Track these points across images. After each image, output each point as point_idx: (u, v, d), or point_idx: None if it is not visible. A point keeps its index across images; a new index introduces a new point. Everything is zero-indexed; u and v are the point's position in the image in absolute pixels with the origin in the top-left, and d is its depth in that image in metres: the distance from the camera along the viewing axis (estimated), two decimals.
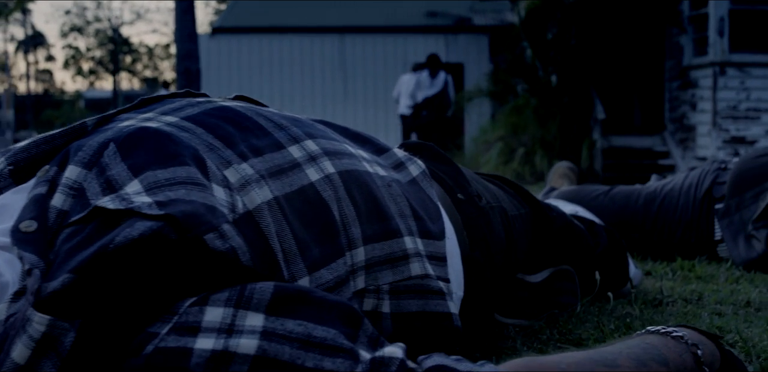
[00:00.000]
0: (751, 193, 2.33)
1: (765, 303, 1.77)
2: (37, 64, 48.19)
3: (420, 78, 13.24)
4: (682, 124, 11.15)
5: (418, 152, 1.31)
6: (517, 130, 11.08)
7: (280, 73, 16.00)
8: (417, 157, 1.29)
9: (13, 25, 48.25)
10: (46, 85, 51.19)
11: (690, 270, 2.23)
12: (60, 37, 39.23)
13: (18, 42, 42.85)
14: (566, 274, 1.67)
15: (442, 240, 1.13)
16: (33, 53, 47.51)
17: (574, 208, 2.09)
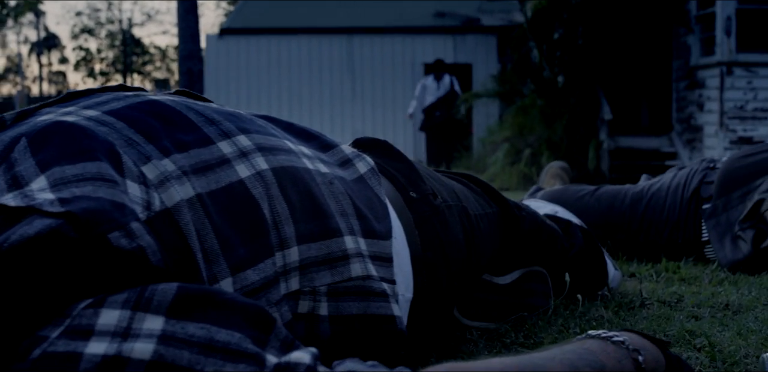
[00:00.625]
0: (739, 193, 2.27)
1: (744, 306, 1.72)
2: (50, 66, 48.43)
3: (426, 83, 13.98)
4: (689, 125, 11.06)
5: (371, 149, 1.27)
6: (523, 130, 11.02)
7: (288, 74, 15.98)
8: (369, 154, 1.25)
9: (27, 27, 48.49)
10: (59, 87, 51.41)
11: (675, 272, 2.18)
12: (71, 38, 39.36)
13: (31, 44, 43.06)
14: (537, 275, 1.62)
15: (388, 240, 1.09)
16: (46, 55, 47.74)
17: (553, 208, 2.05)
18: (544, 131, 10.79)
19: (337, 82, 15.98)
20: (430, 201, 1.23)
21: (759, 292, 1.85)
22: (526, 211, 1.57)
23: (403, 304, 1.11)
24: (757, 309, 1.70)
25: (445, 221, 1.25)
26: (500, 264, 1.54)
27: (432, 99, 14.06)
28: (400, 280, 1.11)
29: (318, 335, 0.98)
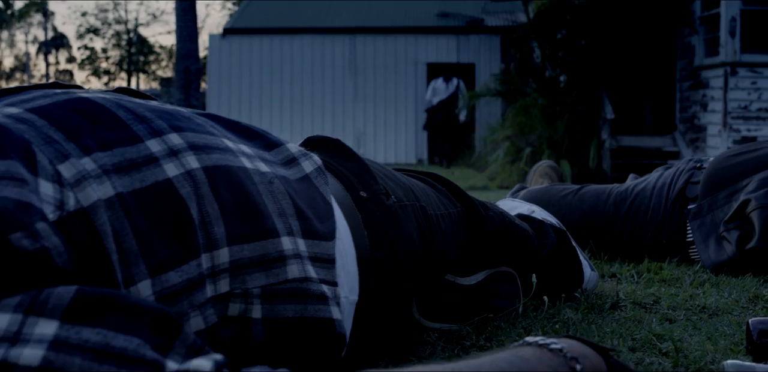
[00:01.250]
0: (725, 193, 2.22)
1: (721, 308, 1.67)
2: (57, 65, 48.54)
3: (435, 85, 14.49)
4: (692, 125, 11.00)
5: (322, 148, 1.23)
6: (524, 129, 10.97)
7: (291, 74, 15.96)
8: (319, 153, 1.21)
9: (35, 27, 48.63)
10: None
11: (656, 273, 2.13)
12: (76, 38, 39.47)
13: (39, 43, 43.15)
14: (505, 276, 1.58)
15: (331, 241, 1.05)
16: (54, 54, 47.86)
17: (530, 207, 2.00)
18: (545, 130, 10.74)
19: (339, 81, 15.96)
20: (381, 201, 1.19)
21: (739, 295, 1.80)
22: (492, 211, 1.53)
23: (347, 306, 1.07)
24: (734, 312, 1.65)
25: (397, 221, 1.21)
26: (465, 265, 1.50)
27: (437, 100, 14.45)
28: (343, 282, 1.06)
29: (251, 338, 0.94)
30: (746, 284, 1.94)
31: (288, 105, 15.93)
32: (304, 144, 1.26)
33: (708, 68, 10.44)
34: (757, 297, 1.78)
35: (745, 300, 1.76)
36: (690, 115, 11.11)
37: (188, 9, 7.10)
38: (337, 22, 16.21)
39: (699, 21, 10.63)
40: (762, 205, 2.08)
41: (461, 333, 1.42)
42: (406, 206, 1.25)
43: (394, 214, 1.20)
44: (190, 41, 7.13)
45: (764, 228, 2.05)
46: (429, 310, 1.44)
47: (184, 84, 7.07)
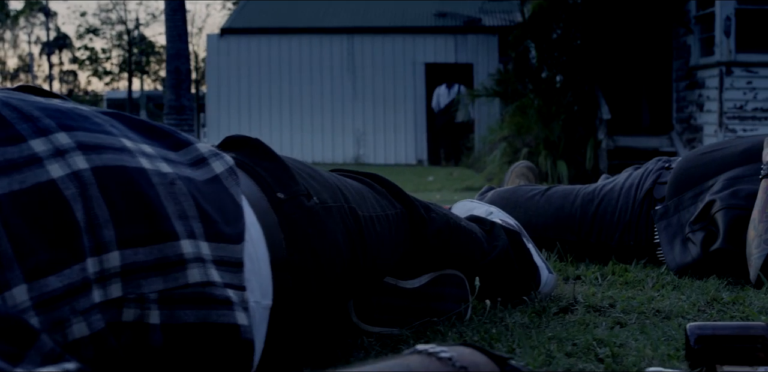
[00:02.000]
0: (691, 193, 2.18)
1: (677, 312, 1.63)
2: (61, 65, 48.55)
3: (439, 92, 15.04)
4: (689, 125, 10.96)
5: (240, 148, 1.20)
6: (521, 130, 10.93)
7: (289, 74, 15.94)
8: (237, 153, 1.17)
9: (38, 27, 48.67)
10: (70, 86, 51.55)
11: (621, 275, 2.09)
12: (76, 38, 39.47)
13: (42, 44, 43.15)
14: (452, 279, 1.55)
15: (239, 243, 1.01)
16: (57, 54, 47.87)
17: (488, 209, 1.96)
18: (541, 131, 10.70)
19: (338, 81, 15.93)
20: (300, 202, 1.16)
21: (698, 298, 1.77)
22: (435, 213, 1.50)
23: (258, 311, 1.04)
24: (689, 315, 1.62)
25: (319, 222, 1.17)
26: (408, 267, 1.46)
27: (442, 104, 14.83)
28: (254, 286, 1.03)
29: (149, 345, 0.91)
30: (708, 287, 1.90)
31: (287, 105, 15.91)
32: (222, 144, 1.23)
33: (703, 68, 10.39)
34: (716, 300, 1.74)
35: (703, 303, 1.73)
36: (686, 115, 11.07)
37: (177, 8, 7.07)
38: (335, 22, 16.18)
39: (694, 20, 10.59)
40: (727, 205, 2.04)
41: (401, 337, 1.39)
42: (331, 207, 1.21)
43: (315, 216, 1.17)
44: (180, 41, 7.09)
45: (729, 229, 2.01)
46: (368, 313, 1.40)
47: (175, 84, 7.04)
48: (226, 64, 15.95)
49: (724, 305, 1.71)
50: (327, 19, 16.37)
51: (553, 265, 2.22)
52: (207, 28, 42.21)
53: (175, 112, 7.06)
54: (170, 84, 7.11)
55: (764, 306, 1.68)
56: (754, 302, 1.71)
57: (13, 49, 60.17)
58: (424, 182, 11.76)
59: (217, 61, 15.96)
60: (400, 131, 15.87)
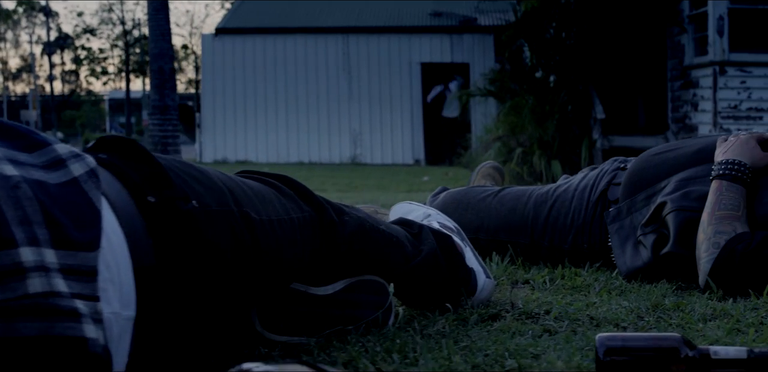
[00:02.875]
0: (643, 195, 2.11)
1: (612, 319, 1.56)
2: (63, 65, 48.56)
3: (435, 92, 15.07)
4: (684, 124, 10.87)
5: (113, 149, 1.13)
6: (515, 129, 10.84)
7: (284, 74, 15.88)
8: (109, 154, 1.10)
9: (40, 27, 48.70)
10: (71, 86, 51.58)
11: (571, 279, 2.02)
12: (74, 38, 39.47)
13: (43, 44, 43.13)
14: (370, 285, 1.47)
15: (94, 251, 0.94)
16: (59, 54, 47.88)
17: (426, 211, 1.89)
18: (535, 130, 10.61)
19: (333, 81, 15.87)
20: (176, 206, 1.08)
21: (641, 304, 1.69)
22: (349, 216, 1.42)
23: (117, 323, 0.96)
24: (624, 323, 1.54)
25: (196, 228, 1.10)
26: (319, 273, 1.39)
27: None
28: (111, 296, 0.96)
29: None
30: (655, 292, 1.83)
31: (282, 105, 15.85)
32: (95, 145, 1.16)
33: (697, 67, 10.31)
34: (657, 306, 1.67)
35: (644, 309, 1.65)
36: (681, 114, 10.99)
37: (160, 8, 7.01)
38: (330, 22, 16.12)
39: (688, 20, 10.51)
40: (677, 207, 1.97)
41: (307, 347, 1.32)
42: (214, 212, 1.14)
43: (192, 220, 1.09)
44: (163, 40, 7.03)
45: (679, 231, 1.94)
46: (274, 322, 1.33)
47: (159, 84, 6.98)
48: (221, 63, 15.89)
49: (665, 312, 1.64)
50: (322, 18, 16.30)
51: (503, 268, 2.15)
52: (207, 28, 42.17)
53: (159, 111, 7.00)
54: (154, 84, 7.05)
55: (706, 312, 1.61)
56: (697, 309, 1.64)
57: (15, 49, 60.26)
58: (419, 182, 11.68)
59: (212, 61, 15.91)
60: (396, 131, 15.80)
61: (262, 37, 15.96)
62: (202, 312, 1.12)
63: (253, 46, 15.95)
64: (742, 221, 1.85)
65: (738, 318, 1.57)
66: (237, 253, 1.16)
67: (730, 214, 1.86)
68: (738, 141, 2.01)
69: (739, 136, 2.03)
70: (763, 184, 1.93)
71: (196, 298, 1.10)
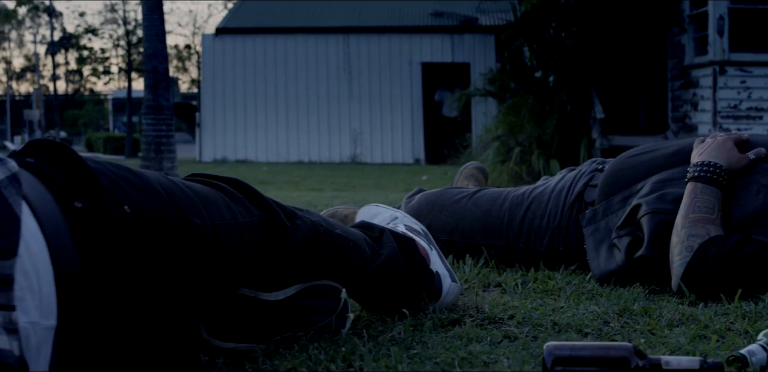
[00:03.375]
0: (620, 196, 2.07)
1: (576, 325, 1.52)
2: (67, 65, 48.58)
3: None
4: (684, 124, 10.81)
5: (42, 153, 1.09)
6: (514, 129, 10.80)
7: (285, 74, 15.85)
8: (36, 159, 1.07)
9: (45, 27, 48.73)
10: (75, 86, 51.61)
11: (544, 282, 1.97)
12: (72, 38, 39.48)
13: (48, 43, 43.15)
14: (325, 290, 1.43)
15: (10, 258, 0.90)
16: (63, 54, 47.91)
17: (393, 214, 1.85)
18: (534, 130, 10.56)
19: (334, 81, 15.83)
20: (105, 211, 1.05)
21: (609, 309, 1.65)
22: (302, 220, 1.38)
23: (37, 332, 0.93)
24: (587, 328, 1.50)
25: (127, 233, 1.06)
26: (271, 278, 1.35)
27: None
28: (29, 306, 0.92)
29: None
30: (626, 296, 1.79)
31: (283, 105, 15.82)
32: (23, 149, 1.12)
33: (697, 67, 10.25)
34: (625, 311, 1.63)
35: (612, 314, 1.61)
36: (681, 114, 10.93)
37: (154, 8, 6.97)
38: (330, 22, 16.08)
39: (688, 20, 10.45)
40: (652, 209, 1.92)
41: (254, 354, 1.28)
42: (148, 217, 1.10)
43: (122, 226, 1.06)
44: (158, 40, 6.99)
45: (654, 234, 1.90)
46: (221, 328, 1.30)
47: (153, 83, 6.94)
48: (221, 63, 15.87)
49: (633, 317, 1.60)
50: (323, 18, 16.27)
51: (476, 271, 2.11)
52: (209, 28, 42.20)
53: (153, 112, 6.97)
54: (148, 84, 7.01)
55: (674, 318, 1.57)
56: (665, 314, 1.60)
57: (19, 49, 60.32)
58: (418, 181, 11.63)
59: (213, 61, 15.89)
60: (396, 131, 15.76)
61: (263, 37, 15.93)
62: (134, 320, 1.09)
63: (253, 45, 15.92)
64: (716, 224, 1.81)
65: (706, 324, 1.53)
66: (172, 259, 1.12)
67: (704, 216, 1.82)
68: (715, 142, 1.97)
69: (716, 138, 1.99)
70: (739, 186, 1.89)
71: (126, 306, 1.06)
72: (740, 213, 1.83)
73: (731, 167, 1.91)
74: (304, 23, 16.03)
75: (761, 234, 1.78)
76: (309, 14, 16.43)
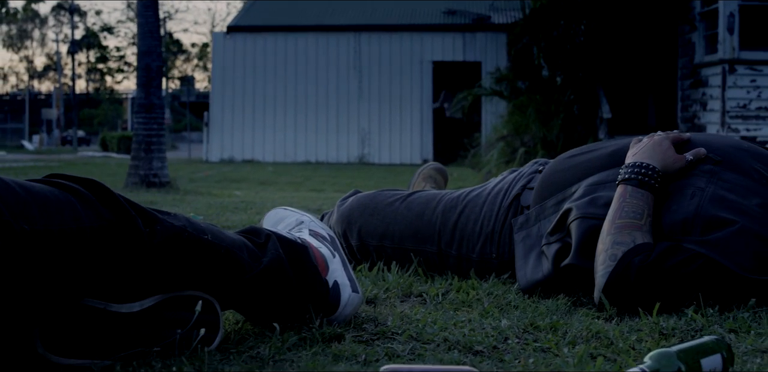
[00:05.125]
0: (554, 200, 1.94)
1: (467, 341, 1.39)
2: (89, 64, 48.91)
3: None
4: (693, 124, 10.61)
5: None
6: (519, 129, 10.65)
7: (295, 73, 15.77)
8: None
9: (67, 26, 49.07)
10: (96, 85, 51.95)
11: (465, 293, 1.85)
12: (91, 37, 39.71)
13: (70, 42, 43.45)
14: (188, 301, 1.32)
15: None
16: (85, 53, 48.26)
17: (299, 218, 1.74)
18: (539, 130, 10.42)
19: (344, 80, 15.74)
20: None
21: (517, 323, 1.53)
22: (162, 225, 1.27)
23: None
24: (479, 346, 1.37)
25: None
26: (125, 288, 1.24)
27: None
28: None
29: None
30: (543, 309, 1.66)
31: (292, 103, 15.74)
32: None
33: (707, 66, 10.05)
34: (532, 326, 1.50)
35: (517, 329, 1.49)
36: (691, 114, 10.73)
37: (149, 5, 6.89)
38: (342, 20, 15.99)
39: (699, 17, 10.25)
40: (582, 214, 1.79)
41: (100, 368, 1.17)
42: None
43: None
44: (152, 38, 6.91)
45: (582, 241, 1.76)
46: (61, 343, 1.19)
47: (145, 82, 6.86)
48: (231, 62, 15.82)
49: (537, 333, 1.47)
50: (335, 16, 16.18)
51: (401, 279, 1.98)
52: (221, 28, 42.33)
53: (144, 110, 6.89)
54: (140, 82, 6.93)
55: (580, 335, 1.44)
56: (572, 330, 1.47)
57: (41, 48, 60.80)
58: None
59: (223, 59, 15.84)
60: (405, 131, 15.64)
61: (274, 36, 15.86)
62: None
63: (264, 44, 15.86)
64: (644, 231, 1.67)
65: (612, 341, 1.40)
66: None
67: (631, 222, 1.68)
68: (651, 142, 1.83)
69: (653, 137, 1.86)
70: (673, 190, 1.75)
71: None
72: (672, 218, 1.70)
73: (666, 169, 1.77)
74: (315, 21, 15.95)
75: (693, 242, 1.65)
76: (321, 12, 16.35)
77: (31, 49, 60.51)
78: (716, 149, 1.82)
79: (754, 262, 1.62)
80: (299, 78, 15.75)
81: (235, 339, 1.39)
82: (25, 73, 56.44)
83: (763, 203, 1.71)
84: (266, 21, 16.11)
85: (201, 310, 1.33)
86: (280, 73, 15.79)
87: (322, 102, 15.67)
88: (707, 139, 1.88)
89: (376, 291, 1.87)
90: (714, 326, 1.48)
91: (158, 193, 6.29)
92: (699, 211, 1.68)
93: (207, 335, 1.34)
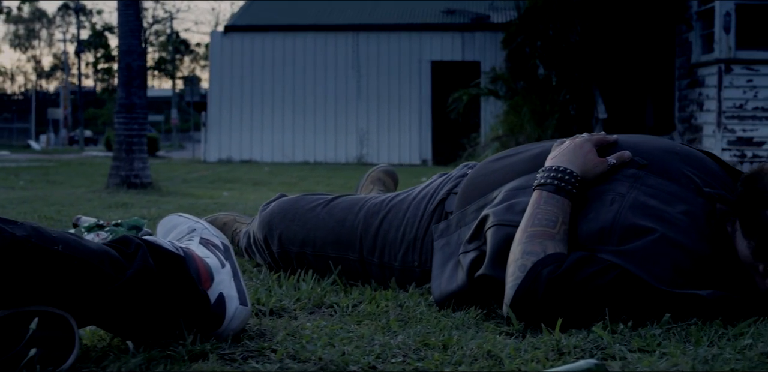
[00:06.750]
0: (475, 206, 1.83)
1: (342, 361, 1.28)
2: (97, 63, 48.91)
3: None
4: (690, 124, 10.48)
5: None
6: (514, 129, 10.54)
7: (293, 72, 15.68)
8: None
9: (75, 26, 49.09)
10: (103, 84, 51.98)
11: (378, 304, 1.74)
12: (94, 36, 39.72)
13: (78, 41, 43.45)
14: (35, 317, 1.22)
15: None
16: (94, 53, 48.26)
17: (192, 225, 1.63)
18: (534, 130, 10.31)
19: (342, 80, 15.63)
20: None
21: (411, 340, 1.42)
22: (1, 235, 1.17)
23: None
24: (354, 366, 1.27)
25: None
26: None
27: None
28: None
29: None
30: (449, 324, 1.55)
31: (290, 103, 15.65)
32: None
33: (704, 65, 9.91)
34: (422, 343, 1.40)
35: (408, 347, 1.38)
36: (688, 114, 10.59)
37: (130, 3, 6.80)
38: (340, 20, 15.89)
39: (696, 16, 10.11)
40: (498, 221, 1.68)
41: None
42: None
43: None
44: (132, 37, 6.83)
45: (497, 250, 1.65)
46: None
47: (126, 81, 6.77)
48: (229, 61, 15.74)
49: (425, 351, 1.36)
50: (332, 16, 16.08)
51: (318, 289, 1.88)
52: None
53: (125, 110, 6.79)
54: (121, 81, 6.84)
55: (470, 353, 1.33)
56: (462, 349, 1.36)
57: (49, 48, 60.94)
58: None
59: (220, 59, 15.76)
60: (404, 131, 15.53)
61: (272, 35, 15.78)
62: None
63: (262, 43, 15.77)
64: (556, 240, 1.56)
65: (501, 360, 1.29)
66: None
67: (543, 231, 1.57)
68: (572, 144, 1.72)
69: (575, 139, 1.75)
70: (592, 196, 1.64)
71: None
72: (588, 227, 1.59)
73: (586, 173, 1.66)
74: (313, 21, 15.86)
75: (608, 252, 1.54)
76: (319, 12, 16.25)
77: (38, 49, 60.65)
78: (643, 152, 1.71)
79: (672, 274, 1.51)
80: (297, 78, 15.66)
81: (94, 357, 1.29)
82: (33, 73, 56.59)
83: (688, 210, 1.59)
84: (264, 20, 16.02)
85: (48, 327, 1.23)
86: (278, 73, 15.70)
87: (321, 102, 15.58)
88: (636, 141, 1.77)
89: (286, 301, 1.77)
90: (617, 345, 1.37)
91: (136, 195, 6.19)
92: (618, 218, 1.57)
93: (59, 353, 1.24)
